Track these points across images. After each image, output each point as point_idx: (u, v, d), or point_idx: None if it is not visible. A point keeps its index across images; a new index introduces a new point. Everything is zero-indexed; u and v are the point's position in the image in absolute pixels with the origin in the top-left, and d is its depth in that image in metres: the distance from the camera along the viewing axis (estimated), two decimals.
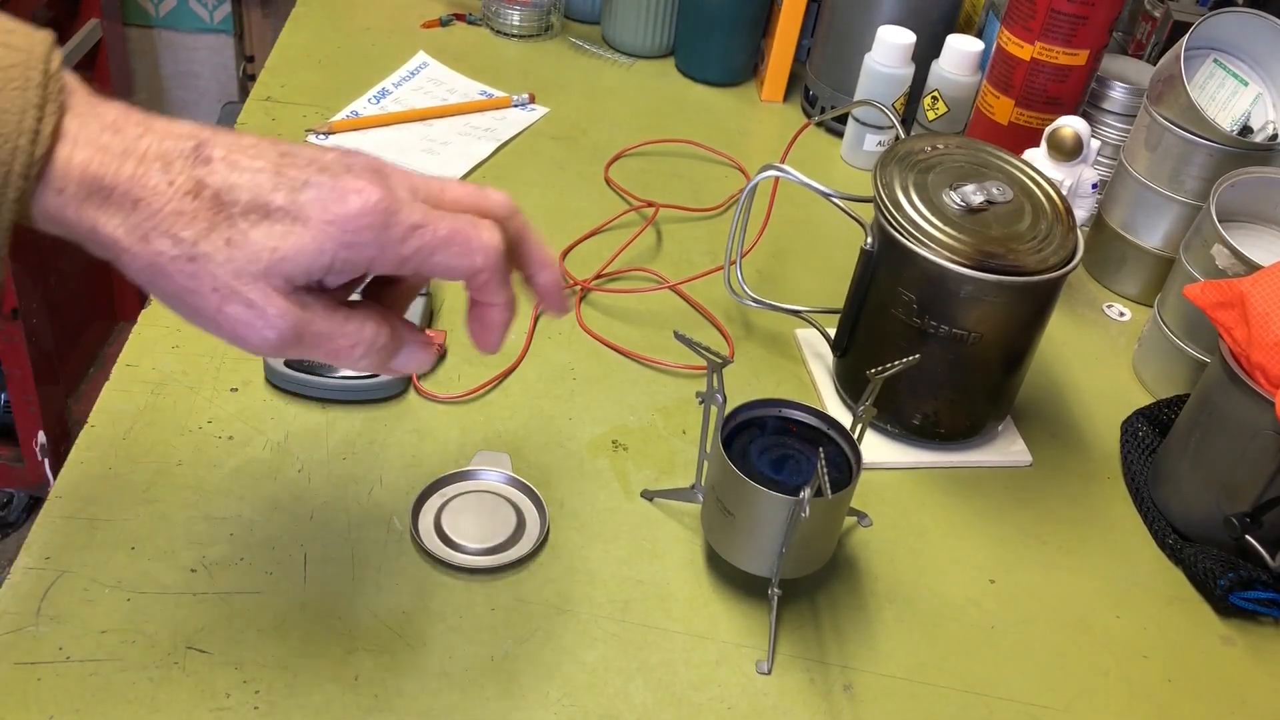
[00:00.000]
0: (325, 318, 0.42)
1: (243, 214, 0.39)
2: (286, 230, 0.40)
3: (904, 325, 0.74)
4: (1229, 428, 0.72)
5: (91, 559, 0.63)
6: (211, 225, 0.39)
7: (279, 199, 0.40)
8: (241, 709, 0.58)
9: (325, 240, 0.40)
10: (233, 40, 1.94)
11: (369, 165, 0.42)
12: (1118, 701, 0.66)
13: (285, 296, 0.40)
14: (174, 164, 0.39)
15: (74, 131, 0.39)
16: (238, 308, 0.40)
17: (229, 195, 0.39)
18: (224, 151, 0.40)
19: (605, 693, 0.62)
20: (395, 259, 0.42)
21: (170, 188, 0.39)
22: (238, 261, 0.39)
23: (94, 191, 0.39)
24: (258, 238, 0.39)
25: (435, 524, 0.69)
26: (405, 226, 0.41)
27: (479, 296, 0.46)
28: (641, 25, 1.23)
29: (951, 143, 0.78)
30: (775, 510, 0.62)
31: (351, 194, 0.40)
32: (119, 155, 0.39)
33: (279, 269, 0.40)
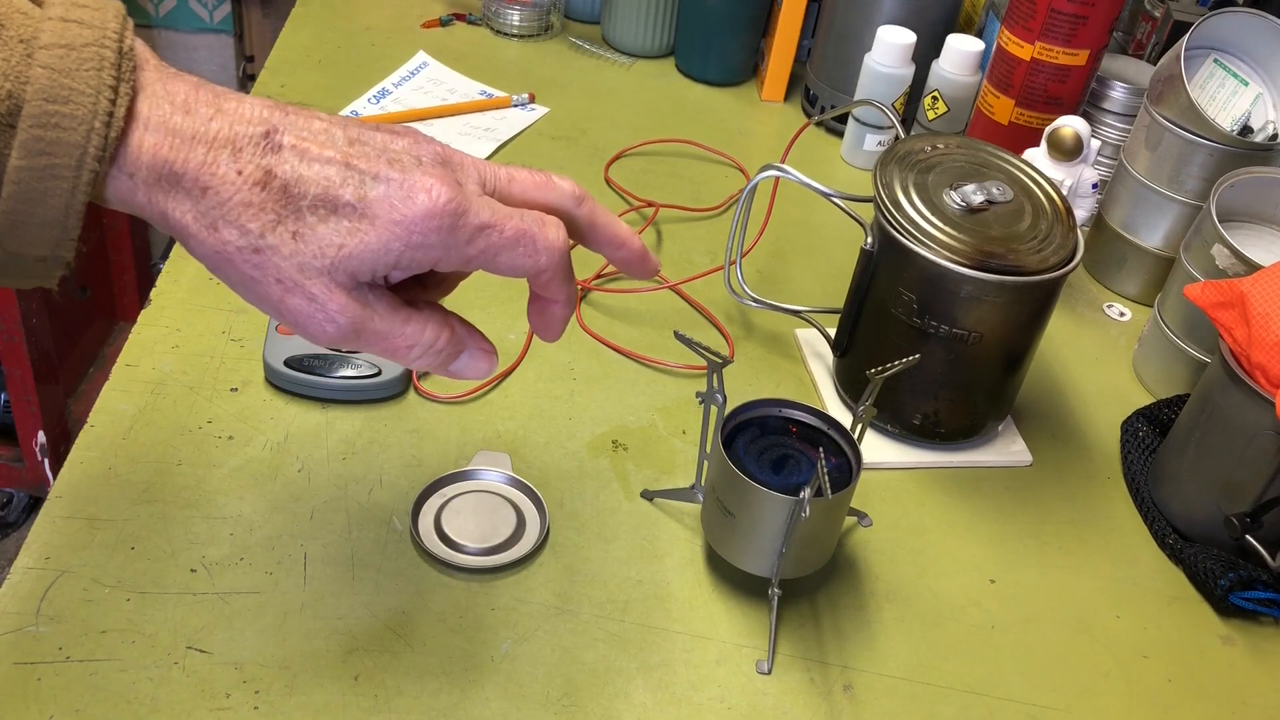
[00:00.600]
0: (386, 316, 0.42)
1: (310, 208, 0.39)
2: (353, 227, 0.39)
3: (904, 325, 0.74)
4: (1229, 428, 0.72)
5: (91, 559, 0.63)
6: (279, 218, 0.39)
7: (347, 194, 0.39)
8: (241, 709, 0.58)
9: (392, 240, 0.40)
10: (233, 40, 1.94)
11: (438, 156, 0.42)
12: (1118, 702, 0.66)
13: (348, 292, 0.40)
14: (244, 151, 0.39)
15: (145, 113, 0.38)
16: (300, 300, 0.40)
17: (297, 187, 0.39)
18: (294, 139, 0.40)
19: (605, 693, 0.62)
20: (461, 258, 0.42)
21: (239, 177, 0.39)
22: (303, 256, 0.39)
23: (164, 176, 0.39)
24: (324, 233, 0.39)
25: (435, 524, 0.68)
26: (473, 227, 0.41)
27: (542, 292, 0.46)
28: (641, 25, 1.23)
29: (951, 143, 0.78)
30: (775, 510, 0.62)
31: (420, 193, 0.40)
32: (189, 140, 0.39)
33: (344, 266, 0.40)
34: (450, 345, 0.44)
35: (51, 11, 0.37)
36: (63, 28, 0.37)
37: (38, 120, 0.36)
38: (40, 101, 0.36)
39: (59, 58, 0.37)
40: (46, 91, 0.36)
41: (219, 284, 0.83)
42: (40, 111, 0.36)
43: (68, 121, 0.36)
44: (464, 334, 0.45)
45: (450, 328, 0.44)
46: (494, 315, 0.86)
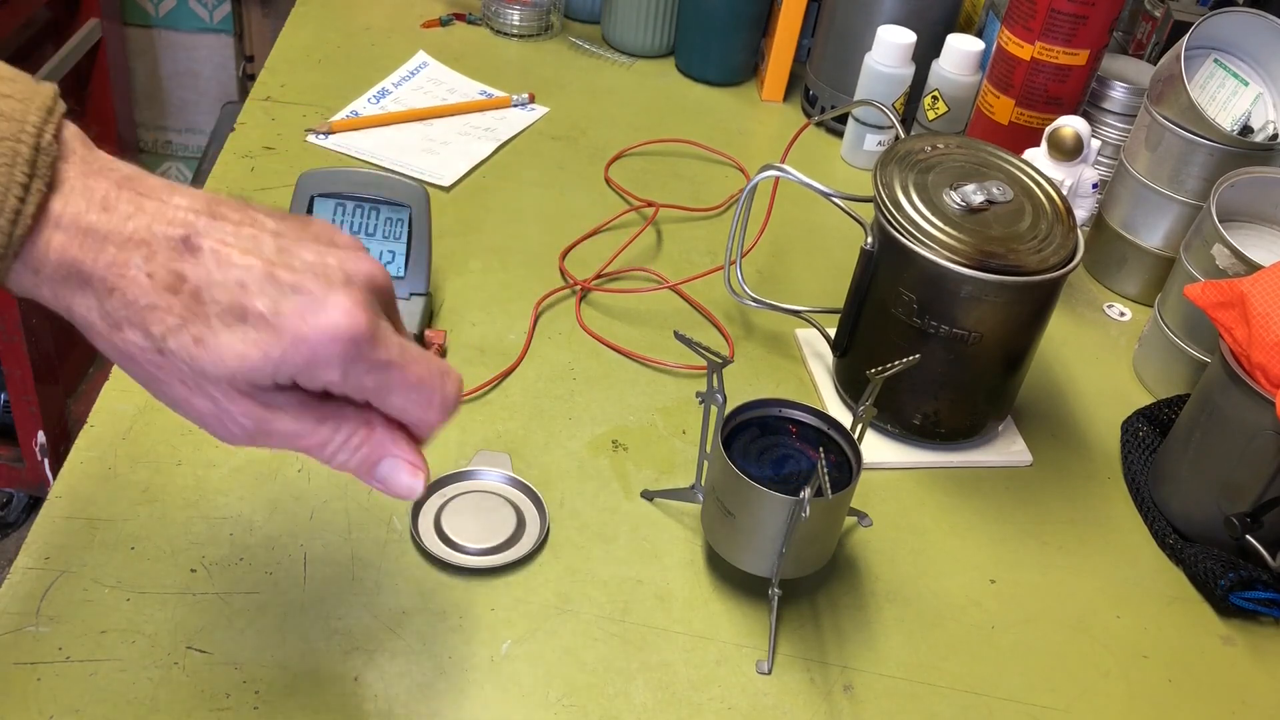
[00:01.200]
0: (294, 418, 0.41)
1: (219, 315, 0.38)
2: (259, 338, 0.38)
3: (904, 325, 0.74)
4: (1229, 428, 0.72)
5: (91, 559, 0.63)
6: (184, 322, 0.38)
7: (259, 304, 0.38)
8: (241, 709, 0.58)
9: (294, 355, 0.38)
10: (232, 40, 1.94)
11: (369, 280, 0.40)
12: (1118, 702, 0.66)
13: (250, 398, 0.39)
14: (157, 254, 0.37)
15: (58, 211, 0.37)
16: (203, 403, 0.39)
17: (208, 294, 0.38)
18: (215, 243, 0.38)
19: (605, 693, 0.62)
20: (356, 386, 0.40)
21: (148, 280, 0.37)
22: (202, 362, 0.38)
23: (70, 276, 0.37)
24: (228, 341, 0.38)
25: (435, 524, 0.68)
26: (376, 360, 0.40)
27: (416, 434, 0.44)
28: (641, 25, 1.23)
29: (951, 142, 0.78)
30: (775, 510, 0.62)
31: (335, 309, 0.38)
32: (100, 240, 0.37)
33: (242, 375, 0.38)
34: (368, 446, 0.42)
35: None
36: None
37: None
38: None
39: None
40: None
41: None
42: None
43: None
44: (386, 438, 0.43)
45: (369, 426, 0.42)
46: (494, 315, 0.86)
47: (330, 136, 1.03)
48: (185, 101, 2.00)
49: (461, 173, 1.02)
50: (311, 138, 1.03)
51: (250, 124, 1.03)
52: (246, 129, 1.03)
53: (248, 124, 1.03)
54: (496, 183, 1.02)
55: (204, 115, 2.01)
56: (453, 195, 0.99)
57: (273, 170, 0.98)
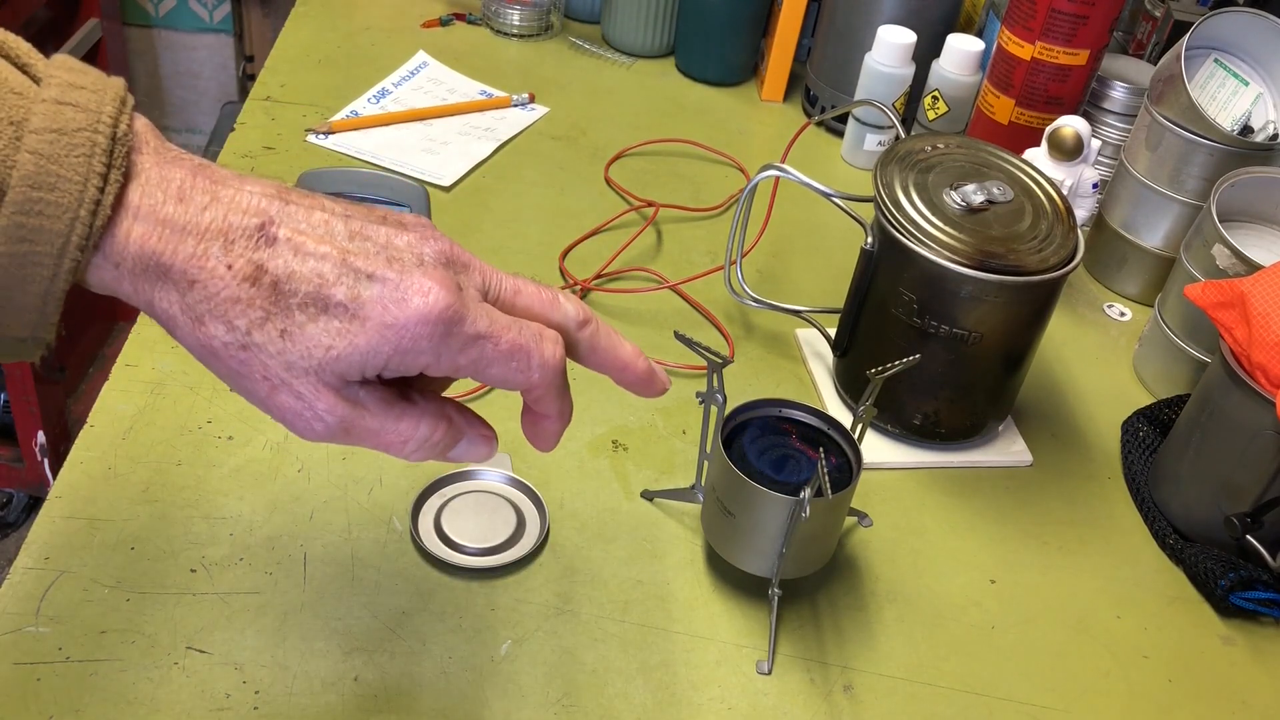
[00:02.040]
0: (377, 414, 0.40)
1: (301, 306, 0.38)
2: (343, 328, 0.38)
3: (904, 325, 0.74)
4: (1229, 428, 0.72)
5: (91, 559, 0.63)
6: (267, 315, 0.38)
7: (339, 294, 0.38)
8: (241, 709, 0.58)
9: (382, 343, 0.38)
10: (232, 40, 1.94)
11: (442, 256, 0.40)
12: (1118, 702, 0.66)
13: (336, 392, 0.39)
14: (235, 244, 0.37)
15: (136, 202, 0.37)
16: (287, 398, 0.39)
17: (289, 284, 0.38)
18: (290, 232, 0.38)
19: (605, 693, 0.62)
20: (450, 365, 0.40)
21: (229, 271, 0.37)
22: (290, 355, 0.38)
23: (150, 268, 0.37)
24: (313, 333, 0.38)
25: (435, 524, 0.68)
26: (467, 336, 0.39)
27: (535, 406, 0.45)
28: (641, 25, 1.23)
29: (952, 142, 0.78)
30: (775, 510, 0.62)
31: (417, 295, 0.38)
32: (179, 231, 0.37)
33: (331, 367, 0.38)
34: (447, 437, 0.43)
35: (46, 93, 0.36)
36: (55, 111, 0.36)
37: (20, 207, 0.35)
38: (25, 188, 0.35)
39: (48, 143, 0.35)
40: (32, 178, 0.35)
41: None
42: (24, 198, 0.35)
43: (52, 209, 0.35)
44: (462, 423, 0.44)
45: (447, 419, 0.43)
46: None
47: (330, 136, 1.03)
48: (185, 101, 2.00)
49: (461, 173, 1.02)
50: (311, 138, 1.03)
51: (250, 124, 1.03)
52: (246, 129, 1.03)
53: (248, 124, 1.03)
54: (496, 183, 1.02)
55: (204, 115, 2.01)
56: (453, 195, 0.99)
57: (273, 170, 0.98)
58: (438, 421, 0.42)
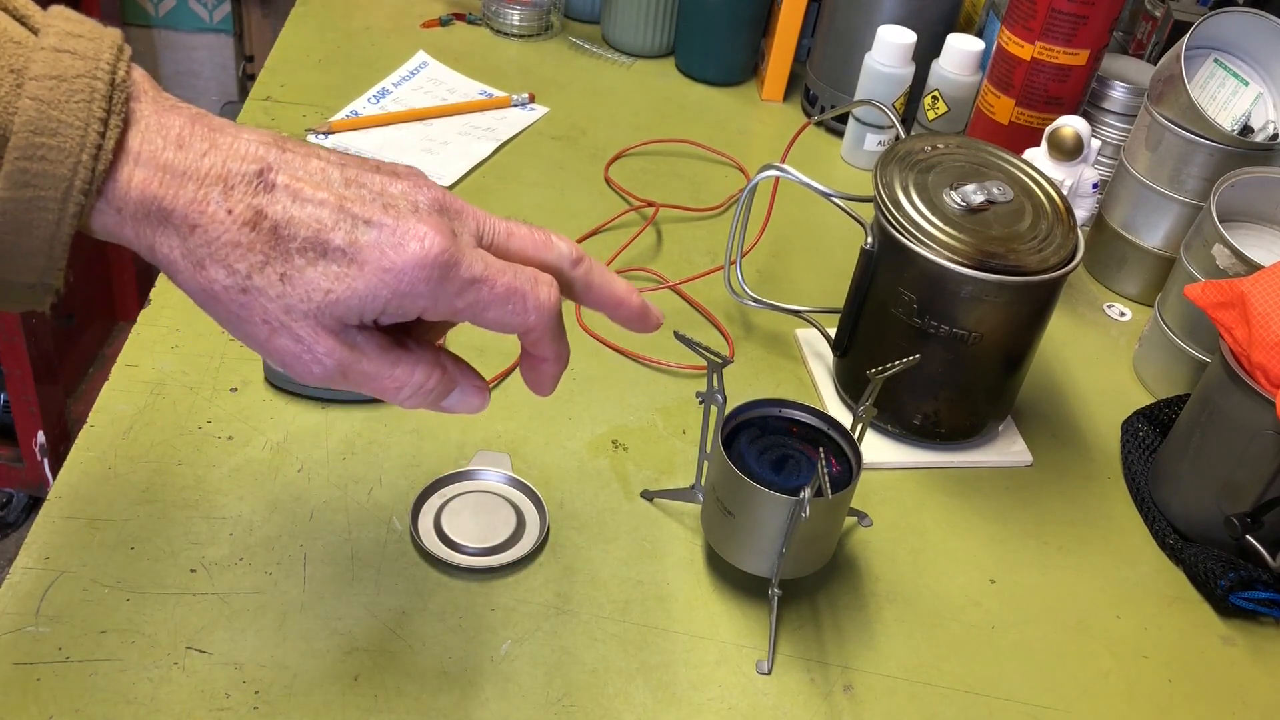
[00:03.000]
0: (374, 358, 0.41)
1: (300, 250, 0.39)
2: (341, 272, 0.39)
3: (904, 325, 0.74)
4: (1229, 428, 0.72)
5: (91, 559, 0.63)
6: (267, 259, 0.38)
7: (338, 238, 0.39)
8: (241, 709, 0.58)
9: (380, 287, 0.39)
10: (232, 40, 1.94)
11: (436, 203, 0.41)
12: (1118, 702, 0.66)
13: (334, 335, 0.40)
14: (235, 189, 0.38)
15: (136, 147, 0.38)
16: (286, 341, 0.40)
17: (288, 229, 0.38)
18: (288, 178, 0.39)
19: (605, 693, 0.62)
20: (448, 309, 0.41)
21: (229, 216, 0.38)
22: (289, 298, 0.39)
23: (152, 212, 0.38)
24: (312, 276, 0.39)
25: (435, 524, 0.68)
26: (462, 280, 0.40)
27: (532, 349, 0.45)
28: (641, 25, 1.23)
29: (952, 142, 0.78)
30: (775, 510, 0.62)
31: (413, 240, 0.39)
32: (179, 176, 0.38)
33: (330, 310, 0.39)
34: (440, 385, 0.44)
35: (45, 41, 0.37)
36: (54, 58, 0.37)
37: (24, 152, 0.36)
38: (27, 134, 0.36)
39: (49, 89, 0.36)
40: (34, 124, 0.36)
41: None
42: (26, 144, 0.36)
43: (54, 154, 0.36)
44: (455, 371, 0.45)
45: (441, 368, 0.44)
46: None
47: (330, 136, 1.03)
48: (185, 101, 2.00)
49: (461, 173, 1.02)
50: (311, 138, 1.03)
51: (250, 124, 1.03)
52: None
53: (248, 124, 1.03)
54: (496, 183, 1.02)
55: None
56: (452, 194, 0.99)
57: None
58: (432, 369, 0.43)
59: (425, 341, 0.45)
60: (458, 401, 0.45)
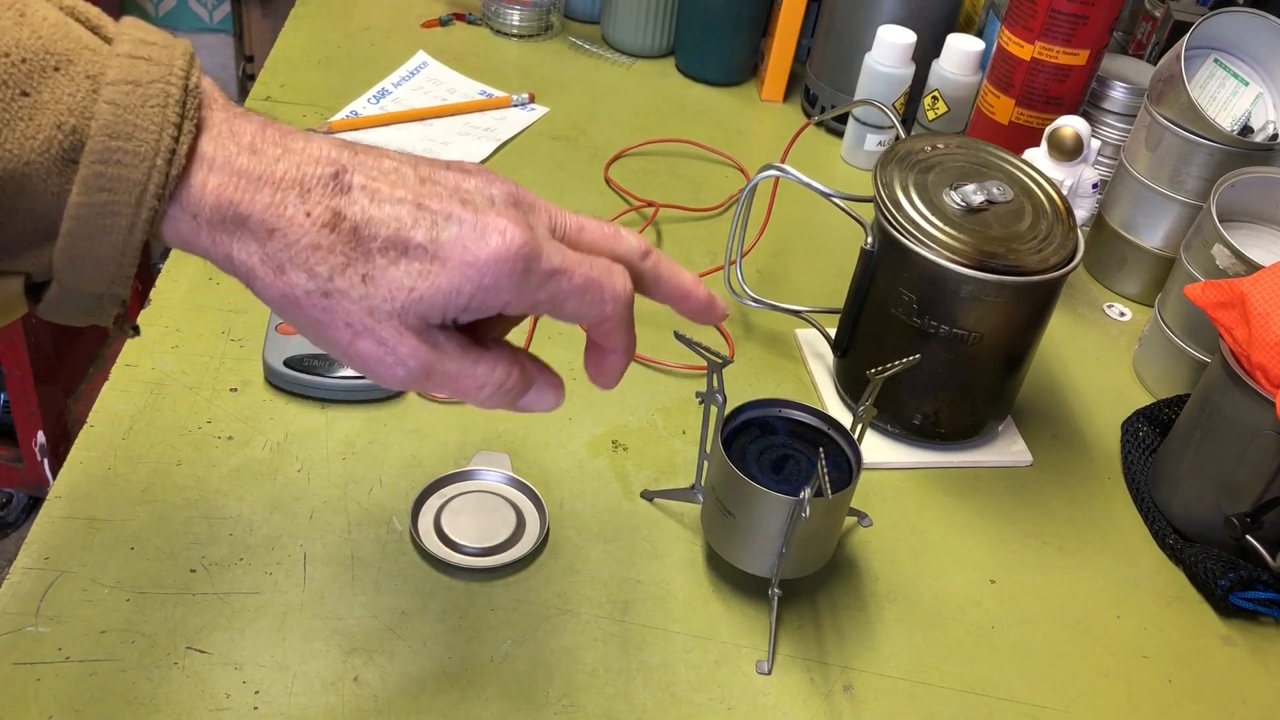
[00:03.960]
0: (456, 358, 0.41)
1: (381, 250, 0.38)
2: (424, 269, 0.38)
3: (904, 325, 0.74)
4: (1229, 428, 0.72)
5: (91, 559, 0.63)
6: (348, 260, 0.38)
7: (419, 236, 0.38)
8: (241, 709, 0.58)
9: (464, 282, 0.39)
10: (232, 40, 1.94)
11: (510, 197, 0.41)
12: (1118, 702, 0.66)
13: (418, 335, 0.39)
14: (312, 192, 0.38)
15: (210, 153, 0.38)
16: (369, 344, 0.39)
17: (367, 230, 0.38)
18: (364, 179, 0.39)
19: (605, 693, 0.62)
20: (530, 303, 0.41)
21: (308, 219, 0.38)
22: (372, 300, 0.38)
23: (228, 218, 0.38)
24: (395, 276, 0.38)
25: (435, 524, 0.68)
26: (544, 272, 0.40)
27: (602, 341, 0.46)
28: (641, 25, 1.23)
29: (951, 143, 0.78)
30: (775, 510, 0.62)
31: (494, 234, 0.39)
32: (255, 181, 0.38)
33: (414, 309, 0.39)
34: (520, 383, 0.44)
35: (120, 48, 0.37)
36: (130, 64, 0.37)
37: (100, 156, 0.36)
38: (103, 138, 0.36)
39: (125, 94, 0.36)
40: (110, 127, 0.36)
41: (219, 284, 0.83)
42: (103, 148, 0.36)
43: (129, 158, 0.36)
44: (532, 369, 0.45)
45: (520, 365, 0.43)
46: None
47: (330, 136, 1.03)
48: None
49: None
50: None
51: None
52: None
53: None
54: None
55: None
56: None
57: None
58: (511, 366, 0.43)
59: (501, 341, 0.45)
60: (535, 399, 0.45)
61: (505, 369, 0.43)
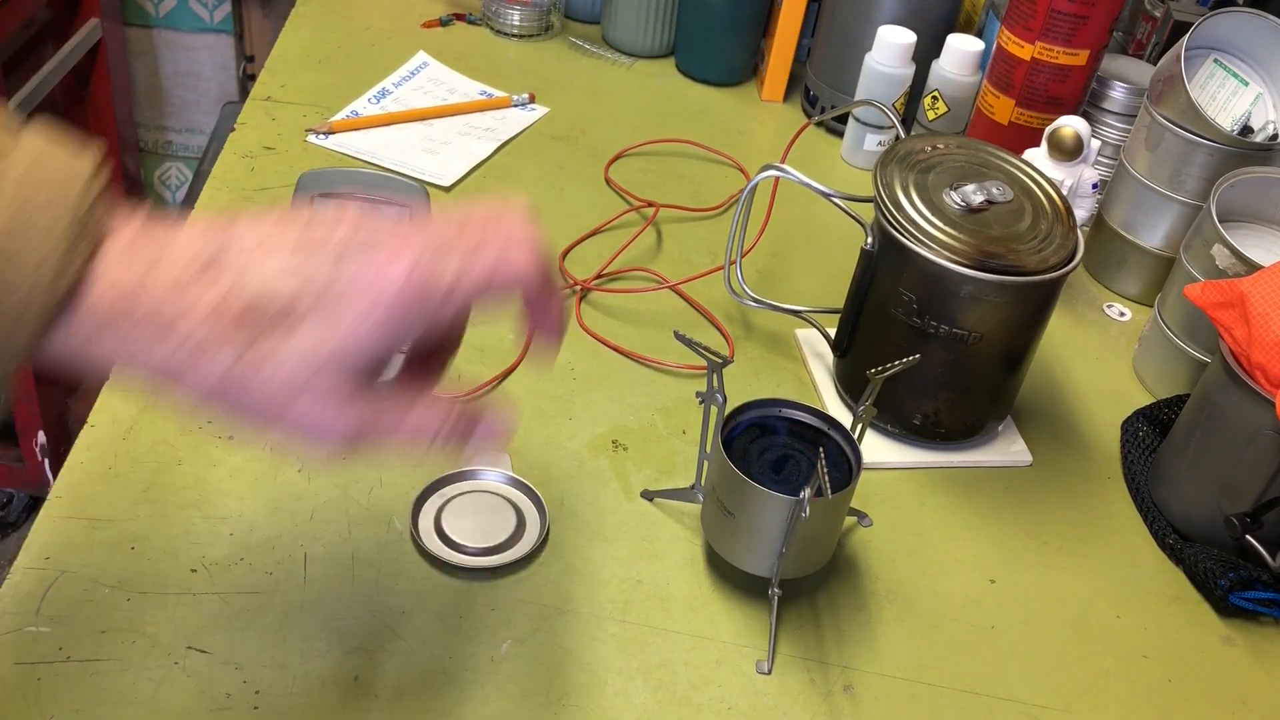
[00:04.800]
0: (387, 410, 0.40)
1: (275, 321, 0.38)
2: (323, 331, 0.38)
3: (904, 325, 0.74)
4: (1229, 428, 0.72)
5: (91, 559, 0.63)
6: (249, 341, 0.37)
7: (307, 299, 0.38)
8: (241, 709, 0.58)
9: (365, 330, 0.38)
10: (233, 40, 1.94)
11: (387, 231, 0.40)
12: (1118, 702, 0.66)
13: (341, 397, 0.39)
14: (191, 287, 0.37)
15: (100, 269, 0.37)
16: (295, 416, 0.39)
17: (256, 308, 0.37)
18: (239, 258, 0.38)
19: (605, 693, 0.62)
20: (440, 324, 0.40)
21: (196, 313, 0.37)
22: (283, 373, 0.38)
23: (114, 326, 0.37)
24: (297, 345, 0.38)
25: (435, 524, 0.68)
26: (443, 290, 0.39)
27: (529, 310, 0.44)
28: (641, 25, 1.23)
29: (951, 143, 0.78)
30: (775, 510, 0.62)
31: (379, 274, 0.38)
32: (139, 287, 0.37)
33: (326, 372, 0.38)
34: (462, 422, 0.43)
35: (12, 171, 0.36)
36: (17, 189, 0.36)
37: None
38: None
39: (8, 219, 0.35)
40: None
41: None
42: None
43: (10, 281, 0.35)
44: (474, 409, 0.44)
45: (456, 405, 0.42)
46: (494, 315, 0.86)
47: (330, 136, 1.03)
48: (185, 101, 2.00)
49: (462, 173, 1.02)
50: (312, 138, 1.03)
51: (250, 124, 1.03)
52: (246, 129, 1.03)
53: (248, 124, 1.03)
54: (496, 183, 1.02)
55: (204, 115, 2.00)
56: (453, 195, 0.99)
57: (273, 170, 0.98)
58: (450, 404, 0.42)
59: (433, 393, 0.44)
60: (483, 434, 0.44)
61: (444, 409, 0.42)
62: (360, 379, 0.39)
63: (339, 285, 0.38)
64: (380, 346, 0.39)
